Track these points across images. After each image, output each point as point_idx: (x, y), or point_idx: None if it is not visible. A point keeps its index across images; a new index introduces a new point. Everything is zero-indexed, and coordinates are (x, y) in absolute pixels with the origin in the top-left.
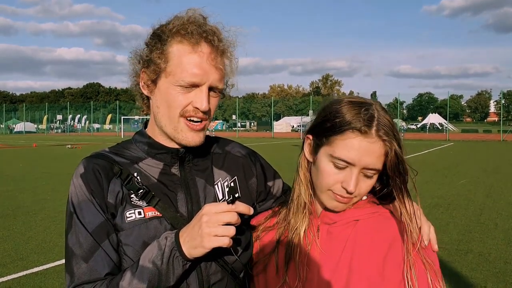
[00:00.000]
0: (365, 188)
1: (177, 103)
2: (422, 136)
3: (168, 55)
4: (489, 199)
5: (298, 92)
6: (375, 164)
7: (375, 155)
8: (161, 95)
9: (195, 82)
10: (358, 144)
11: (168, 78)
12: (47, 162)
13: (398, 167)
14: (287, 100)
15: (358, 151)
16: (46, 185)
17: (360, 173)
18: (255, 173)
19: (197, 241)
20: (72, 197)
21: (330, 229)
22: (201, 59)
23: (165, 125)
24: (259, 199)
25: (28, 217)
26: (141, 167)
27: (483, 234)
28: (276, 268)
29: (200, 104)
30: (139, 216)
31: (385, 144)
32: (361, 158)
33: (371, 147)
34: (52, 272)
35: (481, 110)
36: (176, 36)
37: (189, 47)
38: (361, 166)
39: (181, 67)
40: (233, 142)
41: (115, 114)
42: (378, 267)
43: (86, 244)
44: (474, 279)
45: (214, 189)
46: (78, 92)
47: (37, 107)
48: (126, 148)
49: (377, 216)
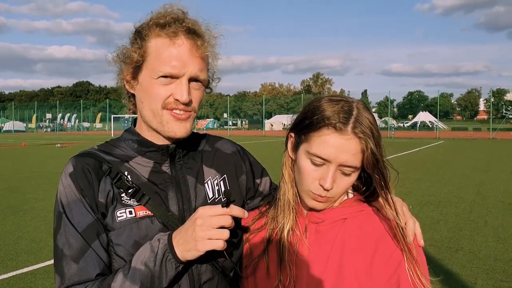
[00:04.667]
0: (343, 187)
1: (158, 96)
2: (413, 134)
3: (147, 49)
4: (479, 197)
5: (289, 91)
6: (351, 162)
7: (351, 152)
8: (142, 89)
9: (173, 74)
10: (333, 140)
11: (148, 72)
12: (36, 161)
13: (377, 165)
14: (279, 98)
15: (334, 148)
16: (36, 184)
17: (338, 171)
18: (245, 170)
19: (191, 244)
20: (61, 197)
21: (318, 228)
22: (179, 50)
23: (150, 120)
24: (248, 196)
25: (17, 217)
26: (131, 165)
27: (473, 231)
28: (266, 270)
29: (180, 95)
30: (130, 216)
31: (361, 141)
32: (337, 155)
33: (347, 144)
34: (42, 272)
35: (471, 108)
36: (154, 30)
37: (167, 39)
38: (337, 163)
39: (159, 59)
40: (222, 139)
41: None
42: (366, 265)
43: (76, 245)
44: (465, 276)
45: (204, 187)
46: (68, 91)
47: (26, 106)
48: (115, 146)
49: (364, 214)
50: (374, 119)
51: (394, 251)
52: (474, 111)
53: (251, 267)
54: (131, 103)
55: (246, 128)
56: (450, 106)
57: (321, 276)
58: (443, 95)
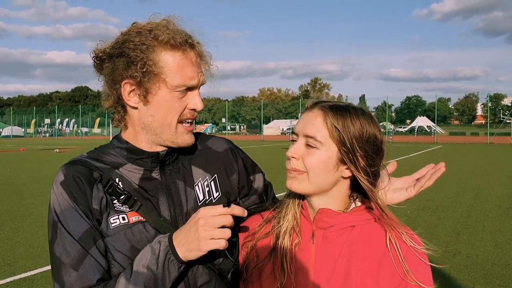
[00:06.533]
0: (311, 160)
1: (176, 109)
2: (411, 139)
3: (161, 64)
4: (477, 202)
5: (287, 96)
6: (312, 132)
7: (312, 123)
8: (157, 104)
9: (193, 85)
10: (302, 116)
11: (165, 87)
12: (35, 167)
13: (343, 141)
14: (277, 103)
15: (300, 121)
16: (34, 189)
17: (304, 147)
18: (237, 169)
19: (193, 245)
20: (54, 206)
21: (325, 234)
22: (192, 63)
23: (161, 133)
24: (242, 194)
25: (15, 222)
26: (122, 172)
27: (471, 236)
28: (271, 275)
29: (196, 105)
30: (123, 222)
31: (324, 115)
32: (303, 127)
33: (311, 116)
34: (40, 278)
35: (468, 113)
36: (166, 45)
37: (180, 54)
38: (303, 134)
39: (177, 74)
40: (213, 137)
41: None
42: (373, 274)
43: (74, 252)
44: (462, 281)
45: (194, 190)
46: (66, 96)
47: (25, 111)
48: (104, 153)
49: (372, 223)
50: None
51: (401, 260)
52: (471, 116)
53: (257, 272)
54: (121, 115)
55: (244, 133)
56: (448, 111)
57: (327, 283)
58: (441, 100)
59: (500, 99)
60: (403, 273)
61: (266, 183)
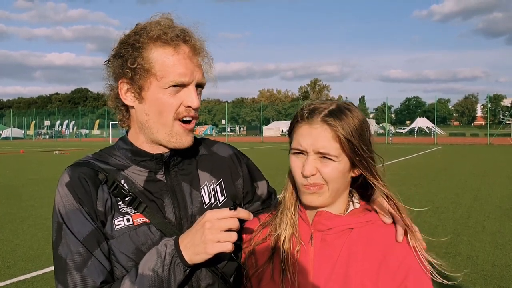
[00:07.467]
0: (329, 172)
1: (169, 107)
2: (410, 140)
3: (151, 60)
4: (477, 202)
5: (287, 97)
6: (325, 147)
7: (323, 139)
8: (150, 101)
9: (184, 82)
10: (305, 131)
11: (156, 83)
12: (34, 168)
13: (357, 152)
14: (276, 105)
15: (306, 137)
16: (33, 191)
17: (318, 159)
18: (241, 174)
19: (200, 248)
20: (59, 207)
21: (324, 236)
22: (184, 59)
23: (157, 132)
24: (246, 200)
25: (15, 224)
26: (127, 174)
27: (471, 237)
28: (271, 279)
29: (192, 101)
30: (128, 224)
31: (331, 128)
32: (310, 143)
33: (317, 132)
34: (40, 279)
35: (468, 114)
36: (156, 41)
37: (171, 49)
38: (312, 151)
39: (168, 69)
40: (218, 143)
41: (103, 119)
42: (372, 276)
43: (78, 254)
44: (462, 282)
45: (200, 193)
46: (66, 98)
47: (25, 113)
48: (110, 154)
49: (371, 225)
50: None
51: (401, 262)
52: (471, 117)
53: (257, 276)
54: (126, 117)
55: (244, 134)
56: (447, 112)
57: (326, 285)
58: (440, 101)
59: (499, 100)
60: (404, 274)
61: (270, 189)
